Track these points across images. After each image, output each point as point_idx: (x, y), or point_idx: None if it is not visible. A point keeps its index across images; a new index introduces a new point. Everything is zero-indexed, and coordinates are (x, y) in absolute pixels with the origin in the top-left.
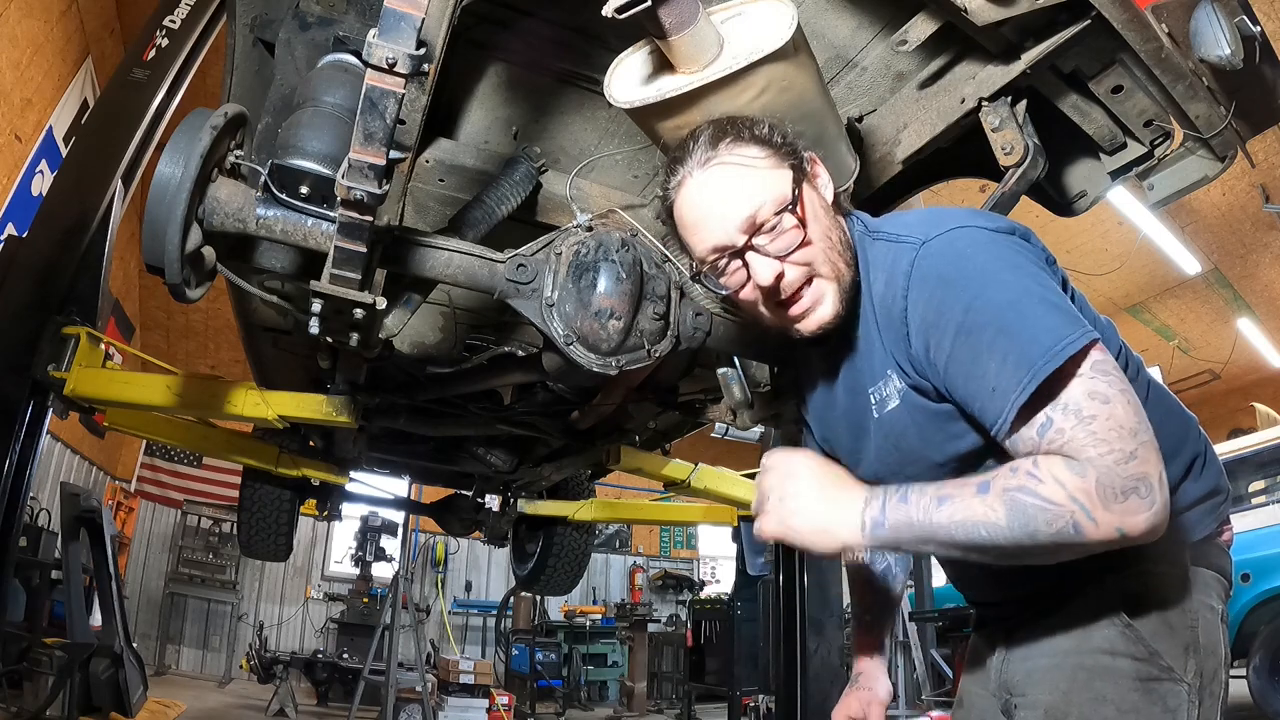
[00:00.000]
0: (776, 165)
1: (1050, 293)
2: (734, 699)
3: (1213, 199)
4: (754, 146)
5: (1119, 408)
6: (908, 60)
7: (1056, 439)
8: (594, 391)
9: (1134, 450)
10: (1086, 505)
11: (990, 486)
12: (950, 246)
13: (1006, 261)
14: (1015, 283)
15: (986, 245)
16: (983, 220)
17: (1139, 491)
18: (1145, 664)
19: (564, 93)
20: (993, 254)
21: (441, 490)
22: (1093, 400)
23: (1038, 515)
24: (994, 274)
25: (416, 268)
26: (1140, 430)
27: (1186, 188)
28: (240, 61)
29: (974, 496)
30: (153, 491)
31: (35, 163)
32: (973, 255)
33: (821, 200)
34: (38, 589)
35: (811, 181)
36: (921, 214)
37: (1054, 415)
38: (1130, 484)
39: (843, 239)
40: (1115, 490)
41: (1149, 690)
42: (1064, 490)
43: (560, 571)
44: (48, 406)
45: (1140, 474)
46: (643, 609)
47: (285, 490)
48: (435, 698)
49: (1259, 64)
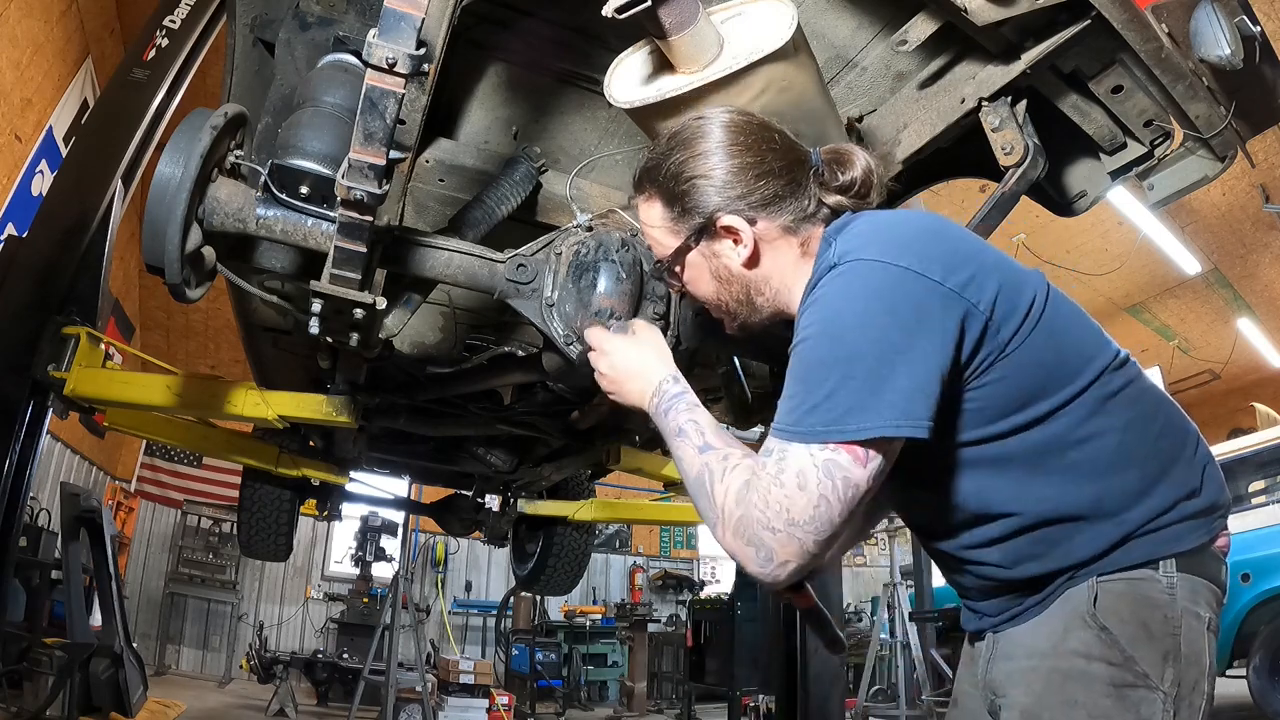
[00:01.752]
0: (672, 234)
1: (876, 367)
2: (734, 699)
3: (1213, 199)
4: (657, 206)
5: (801, 500)
6: (908, 60)
7: (763, 470)
8: (594, 391)
9: (777, 529)
10: (725, 521)
11: (711, 448)
12: (840, 278)
13: (875, 315)
14: (849, 344)
15: (873, 292)
16: (908, 256)
17: (757, 550)
18: (1120, 669)
19: (564, 93)
20: (863, 303)
21: (441, 490)
22: (795, 478)
23: (702, 494)
24: (844, 328)
25: (416, 268)
26: (799, 526)
27: (1186, 188)
28: (240, 61)
29: (694, 451)
30: (153, 491)
31: (35, 163)
32: (846, 297)
33: (721, 267)
34: (38, 589)
35: (711, 248)
36: (871, 227)
37: (774, 457)
38: (755, 541)
39: (751, 291)
40: (745, 534)
41: (1122, 697)
42: (724, 499)
43: (560, 571)
44: (48, 406)
45: (767, 544)
46: (643, 609)
47: (285, 490)
48: (435, 698)
49: (1259, 64)
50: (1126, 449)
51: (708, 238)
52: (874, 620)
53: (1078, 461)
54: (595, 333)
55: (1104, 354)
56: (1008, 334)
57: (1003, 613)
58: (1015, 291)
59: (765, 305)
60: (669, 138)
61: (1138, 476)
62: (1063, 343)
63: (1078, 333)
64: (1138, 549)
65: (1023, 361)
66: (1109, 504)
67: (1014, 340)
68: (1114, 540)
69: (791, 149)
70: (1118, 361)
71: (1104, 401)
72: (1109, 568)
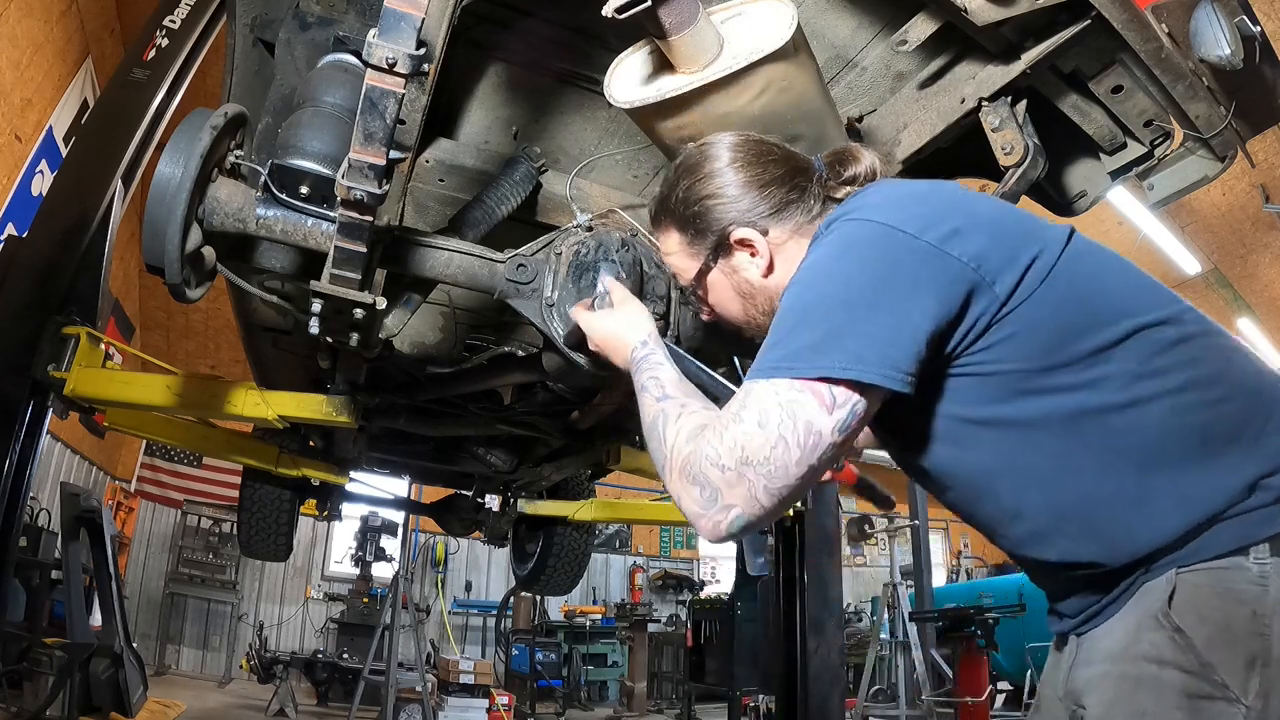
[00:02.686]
0: (691, 258)
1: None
2: (734, 699)
3: (1213, 199)
4: (674, 234)
5: (757, 439)
6: (908, 60)
7: (725, 410)
8: (594, 391)
9: (726, 466)
10: (672, 461)
11: (669, 397)
12: (829, 239)
13: (850, 266)
14: (825, 293)
15: (851, 248)
16: (893, 213)
17: (701, 489)
18: (1194, 678)
19: (564, 93)
20: (843, 258)
21: (441, 490)
22: (758, 415)
23: (655, 437)
24: (816, 278)
25: (416, 268)
26: (752, 466)
27: (1186, 188)
28: (240, 61)
29: (652, 400)
30: (153, 491)
31: (35, 163)
32: (826, 253)
33: (742, 281)
34: (38, 589)
35: (730, 264)
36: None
37: (735, 400)
38: (701, 480)
39: (775, 301)
40: (691, 473)
41: (1196, 710)
42: (678, 438)
43: (560, 571)
44: (48, 406)
45: (713, 483)
46: (643, 609)
47: (285, 490)
48: (435, 698)
49: (1259, 64)
50: (1182, 416)
51: (724, 254)
52: (874, 620)
53: (1120, 430)
54: (576, 311)
55: (1147, 309)
56: (1005, 288)
57: (1081, 613)
58: (1014, 243)
59: None
60: (675, 168)
61: (1197, 448)
62: (1088, 296)
63: (1113, 286)
64: (1224, 534)
65: (1034, 318)
66: (1162, 481)
67: (1016, 294)
68: (1181, 526)
69: (790, 157)
70: (1169, 317)
71: (1150, 360)
72: (1191, 558)
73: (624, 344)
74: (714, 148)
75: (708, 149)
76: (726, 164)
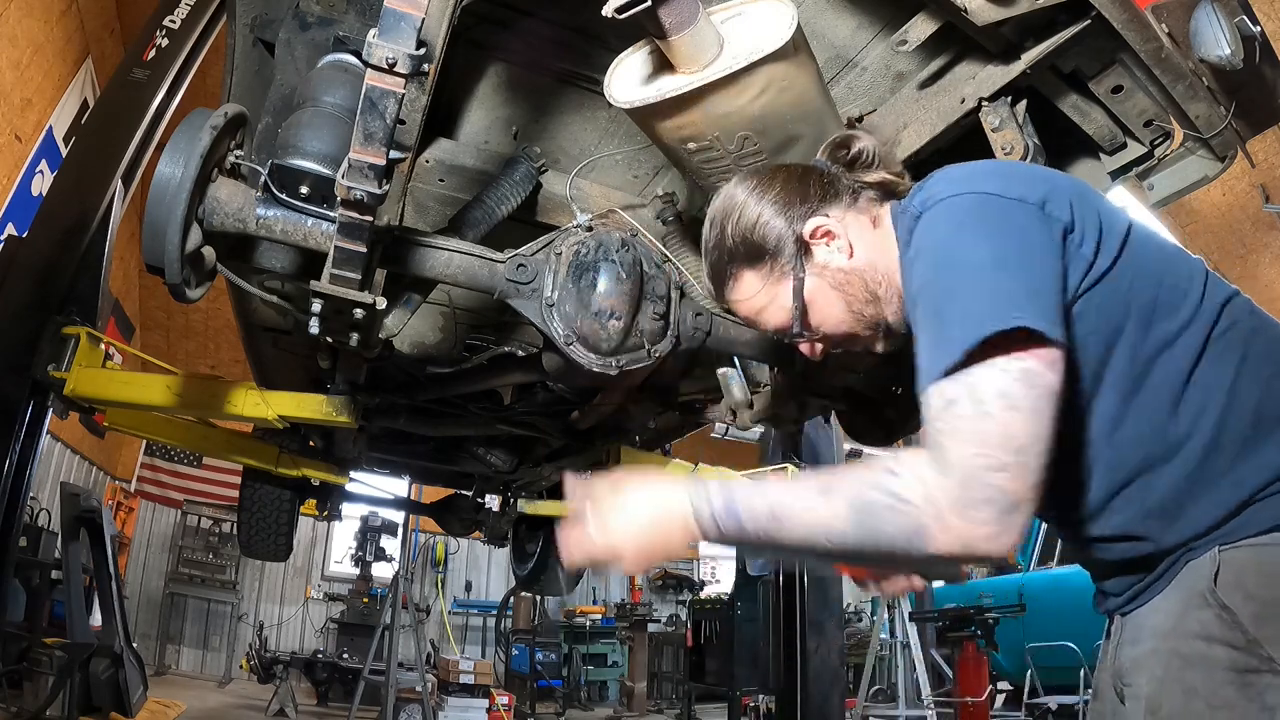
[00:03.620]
0: (776, 284)
1: (1008, 277)
2: (734, 699)
3: (1213, 199)
4: (750, 275)
5: (1018, 421)
6: (908, 60)
7: (950, 422)
8: (594, 391)
9: (1007, 463)
10: (941, 507)
11: (836, 487)
12: (937, 219)
13: (981, 234)
14: (973, 261)
15: (970, 217)
16: (993, 184)
17: (995, 504)
18: (1243, 653)
19: (564, 93)
20: (969, 228)
21: (441, 490)
22: (1000, 400)
23: (885, 515)
24: (954, 251)
25: (416, 268)
26: (1027, 450)
27: (1186, 188)
28: (240, 61)
29: (817, 497)
30: (153, 491)
31: (35, 163)
32: (947, 230)
33: (835, 273)
34: (38, 589)
35: (816, 263)
36: (942, 176)
37: (960, 398)
38: (989, 493)
39: (870, 284)
40: (973, 497)
41: (1245, 684)
42: (922, 488)
43: (560, 571)
44: (48, 406)
45: (1002, 487)
46: (643, 609)
47: (285, 490)
48: (435, 698)
49: (1259, 64)
50: (1239, 393)
51: (807, 257)
52: (874, 620)
53: (1187, 402)
54: (566, 544)
55: (1201, 288)
56: (1090, 251)
57: (1126, 591)
58: (1093, 210)
59: (885, 291)
60: (709, 225)
61: (1251, 424)
62: (1156, 272)
63: (1174, 263)
64: (1265, 511)
65: (1113, 288)
66: (1221, 457)
67: (1098, 261)
68: (1234, 502)
69: (790, 165)
70: (1222, 296)
71: (1209, 338)
72: (1232, 535)
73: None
74: (729, 192)
75: (729, 191)
76: (750, 192)
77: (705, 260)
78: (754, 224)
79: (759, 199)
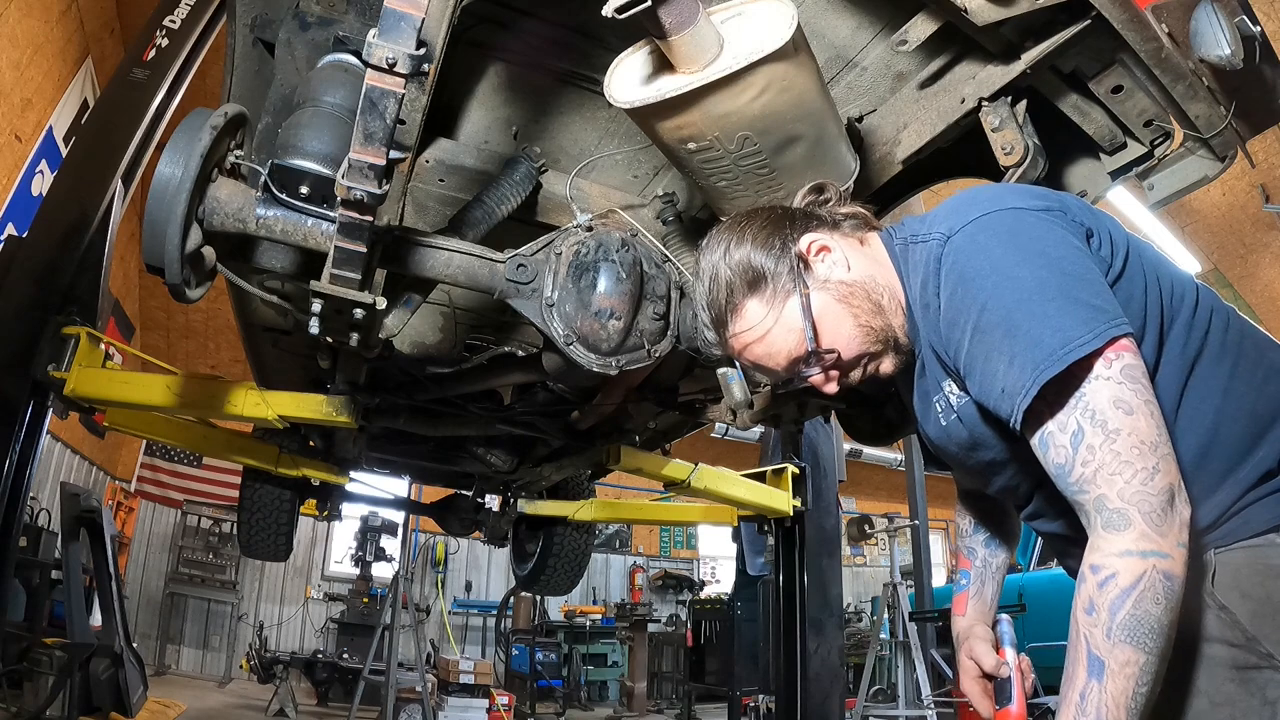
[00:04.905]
0: (778, 303)
1: (1072, 283)
2: (734, 699)
3: (1213, 199)
4: (753, 301)
5: (1142, 420)
6: (908, 60)
7: (1089, 459)
8: (594, 391)
9: (1156, 464)
10: (1155, 547)
11: (1095, 653)
12: (972, 240)
13: (1028, 250)
14: (1030, 277)
15: (1009, 232)
16: (1013, 199)
17: (1170, 498)
18: (1242, 651)
19: (564, 93)
20: (1014, 243)
21: (441, 490)
22: (1117, 410)
23: (1144, 603)
24: (1009, 269)
25: (416, 268)
26: (1160, 443)
27: (1186, 188)
28: (240, 61)
29: (1096, 679)
30: (153, 491)
31: (35, 163)
32: (991, 248)
33: (838, 285)
34: (38, 589)
35: (818, 277)
36: (953, 202)
37: (1083, 423)
38: (1164, 498)
39: (872, 296)
40: (1158, 512)
41: (1246, 680)
42: (1132, 555)
43: (560, 571)
44: (48, 406)
45: (1167, 486)
46: (643, 609)
47: (285, 490)
48: (435, 698)
49: (1259, 64)
50: (1234, 397)
51: (807, 272)
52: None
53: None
54: None
55: (1194, 296)
56: (1106, 254)
57: None
58: (1097, 217)
59: (889, 302)
60: (700, 275)
61: (1246, 427)
62: (1158, 281)
63: (1171, 273)
64: (1257, 514)
65: (1128, 295)
66: (1217, 460)
67: (1114, 265)
68: (1229, 503)
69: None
70: (1211, 305)
71: (1204, 344)
72: (1226, 539)
73: None
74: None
75: (708, 249)
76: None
77: (706, 312)
78: (748, 254)
79: (744, 234)
